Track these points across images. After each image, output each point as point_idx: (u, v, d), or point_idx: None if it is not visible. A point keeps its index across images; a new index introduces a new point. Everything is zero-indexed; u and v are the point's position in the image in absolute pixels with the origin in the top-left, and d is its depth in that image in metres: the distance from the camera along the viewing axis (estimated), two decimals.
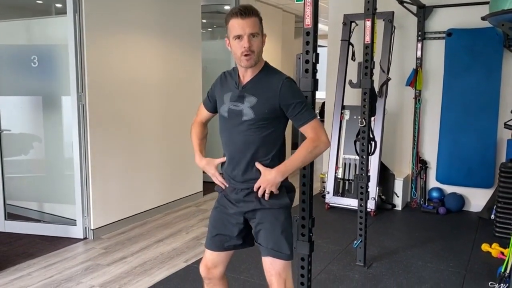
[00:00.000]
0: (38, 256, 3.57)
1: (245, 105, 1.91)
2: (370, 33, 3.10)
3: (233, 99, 1.95)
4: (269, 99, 1.90)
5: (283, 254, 1.97)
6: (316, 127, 1.91)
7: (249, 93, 1.92)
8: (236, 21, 1.84)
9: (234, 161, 1.99)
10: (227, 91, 1.99)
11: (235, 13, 1.84)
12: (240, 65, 1.92)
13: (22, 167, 4.41)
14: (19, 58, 4.05)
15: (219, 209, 2.10)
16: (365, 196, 3.38)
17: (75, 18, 3.69)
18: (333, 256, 3.61)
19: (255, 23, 1.86)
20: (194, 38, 5.06)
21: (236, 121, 1.94)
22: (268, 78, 1.93)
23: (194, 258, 3.56)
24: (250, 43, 1.85)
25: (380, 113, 4.66)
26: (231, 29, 1.87)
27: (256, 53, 1.88)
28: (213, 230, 2.10)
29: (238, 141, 1.96)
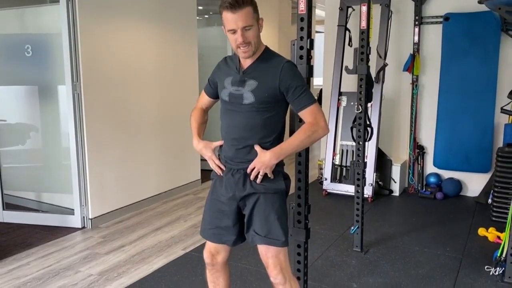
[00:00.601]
0: (36, 246, 3.58)
1: (246, 89, 1.91)
2: (366, 19, 3.07)
3: (234, 83, 1.94)
4: (269, 83, 1.89)
5: (278, 241, 1.96)
6: (316, 111, 1.89)
7: (249, 77, 1.91)
8: (228, 15, 1.80)
9: (234, 143, 1.97)
10: (227, 75, 1.98)
11: (226, 6, 1.79)
12: (238, 55, 1.92)
13: (19, 157, 4.41)
14: (12, 48, 4.02)
15: (214, 202, 2.08)
16: (361, 182, 3.39)
17: (68, 6, 3.65)
18: (330, 242, 3.63)
19: (247, 15, 1.80)
20: (190, 25, 5.02)
21: (237, 105, 1.94)
22: (269, 62, 1.92)
23: (192, 246, 3.58)
24: (244, 36, 1.82)
25: (377, 99, 4.64)
26: (224, 22, 1.84)
27: (253, 43, 1.86)
28: (210, 222, 2.08)
29: (239, 123, 1.95)
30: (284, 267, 1.98)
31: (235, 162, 1.98)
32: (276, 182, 1.98)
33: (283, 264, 1.98)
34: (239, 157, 1.97)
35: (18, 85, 4.21)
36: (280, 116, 1.98)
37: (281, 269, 1.97)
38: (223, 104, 2.02)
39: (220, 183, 2.05)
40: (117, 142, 4.17)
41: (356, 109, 3.31)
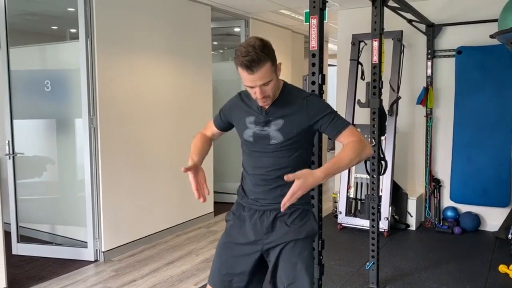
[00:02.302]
0: (49, 279, 3.57)
1: (272, 128, 1.84)
2: (378, 53, 3.10)
3: (258, 124, 1.87)
4: (296, 119, 1.83)
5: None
6: (355, 132, 1.81)
7: (274, 116, 1.84)
8: (245, 74, 1.72)
9: (265, 183, 1.87)
10: (248, 114, 1.90)
11: (243, 66, 1.70)
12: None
13: (35, 189, 4.46)
14: (33, 83, 4.14)
15: (228, 246, 1.94)
16: (376, 217, 3.33)
17: (87, 43, 3.77)
18: (345, 279, 3.54)
19: (265, 73, 1.72)
20: (205, 60, 5.13)
21: (263, 145, 1.86)
22: (291, 98, 1.86)
23: (204, 281, 3.53)
24: (263, 91, 1.76)
25: (391, 131, 4.63)
26: (241, 76, 1.76)
27: (272, 95, 1.80)
28: (220, 268, 1.93)
29: (267, 163, 1.86)
30: None
31: (266, 203, 1.87)
32: (307, 224, 1.87)
33: None
34: (271, 197, 1.86)
35: (36, 118, 4.31)
36: (308, 151, 1.94)
37: None
38: (247, 144, 1.93)
39: (240, 226, 1.92)
40: (131, 175, 4.21)
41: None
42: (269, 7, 5.40)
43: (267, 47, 1.73)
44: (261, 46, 1.71)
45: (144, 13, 4.30)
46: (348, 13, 5.40)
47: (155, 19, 4.43)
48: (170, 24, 4.61)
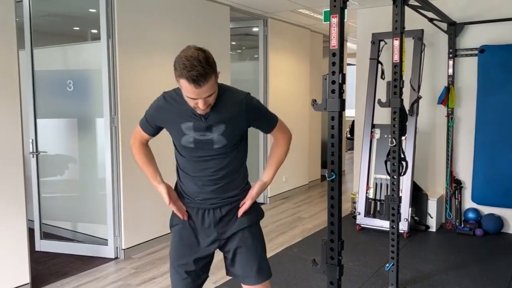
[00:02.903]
0: (71, 276, 3.64)
1: (214, 133, 1.87)
2: (399, 52, 3.07)
3: (199, 129, 1.87)
4: (237, 123, 1.90)
5: (268, 274, 2.04)
6: (283, 125, 2.08)
7: (215, 121, 1.86)
8: (190, 87, 1.70)
9: (211, 183, 1.93)
10: (184, 120, 1.87)
11: (190, 80, 1.68)
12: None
13: (58, 187, 4.55)
14: (55, 83, 4.22)
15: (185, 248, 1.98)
16: (396, 218, 3.30)
17: (108, 43, 3.83)
18: (364, 280, 3.52)
19: (211, 86, 1.74)
20: (223, 60, 5.15)
21: (206, 150, 1.90)
22: (228, 101, 1.88)
23: (223, 279, 3.55)
24: (206, 102, 1.77)
25: (412, 132, 4.57)
26: (183, 88, 1.75)
27: (212, 103, 1.81)
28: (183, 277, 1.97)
29: (212, 165, 1.92)
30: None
31: (218, 201, 1.95)
32: (255, 210, 2.03)
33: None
34: (221, 195, 1.95)
35: (59, 118, 4.40)
36: (246, 144, 2.04)
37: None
38: (186, 150, 1.92)
39: (191, 228, 1.98)
40: None
41: (390, 142, 3.26)
42: (288, 7, 5.39)
43: (210, 59, 1.73)
44: (206, 59, 1.71)
45: (164, 14, 4.34)
46: (368, 12, 5.35)
47: (174, 20, 4.47)
48: (190, 24, 4.64)
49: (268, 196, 6.15)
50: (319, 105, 2.12)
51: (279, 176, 6.34)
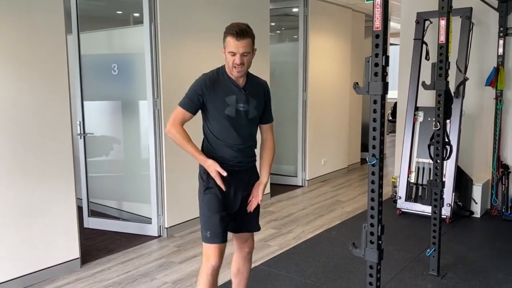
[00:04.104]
0: (117, 252, 3.81)
1: (251, 106, 2.30)
2: (445, 33, 2.95)
3: (240, 101, 2.28)
4: (261, 101, 2.36)
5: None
6: (272, 128, 2.46)
7: (251, 96, 2.30)
8: (232, 40, 2.17)
9: (241, 148, 2.31)
10: (228, 94, 2.26)
11: (232, 34, 2.16)
12: (231, 73, 2.26)
13: (104, 167, 4.74)
14: (101, 67, 4.35)
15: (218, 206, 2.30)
16: (439, 203, 3.23)
17: (151, 27, 3.90)
18: (404, 264, 3.48)
19: (248, 44, 2.19)
20: (263, 41, 5.13)
21: (242, 119, 2.29)
22: (256, 83, 2.36)
23: (262, 259, 3.61)
24: (242, 60, 2.19)
25: (457, 115, 4.42)
26: (227, 44, 2.20)
27: (246, 67, 2.23)
28: (220, 226, 2.29)
29: (244, 134, 2.31)
30: None
31: (244, 163, 2.36)
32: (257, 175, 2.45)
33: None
34: (247, 159, 2.37)
35: (104, 100, 4.55)
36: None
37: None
38: (226, 119, 2.26)
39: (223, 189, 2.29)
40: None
41: (434, 126, 3.17)
42: None
43: (252, 30, 2.23)
44: (248, 25, 2.22)
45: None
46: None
47: (215, 2, 4.48)
48: (229, 5, 4.64)
49: (306, 179, 6.15)
50: (361, 88, 2.09)
51: (317, 159, 6.34)
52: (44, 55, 3.16)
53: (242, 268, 2.56)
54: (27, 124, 3.10)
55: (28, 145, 3.12)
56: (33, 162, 3.15)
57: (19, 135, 3.06)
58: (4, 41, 2.94)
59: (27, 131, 3.10)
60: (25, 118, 3.09)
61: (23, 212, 3.12)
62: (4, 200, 3.02)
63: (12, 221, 3.07)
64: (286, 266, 3.47)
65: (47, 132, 3.22)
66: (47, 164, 3.23)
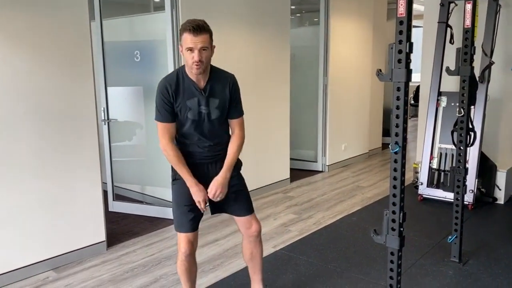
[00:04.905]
0: (141, 235, 3.92)
1: (212, 106, 2.29)
2: (471, 17, 2.89)
3: (201, 103, 2.28)
4: (225, 98, 2.32)
5: (252, 209, 2.57)
6: (243, 123, 2.42)
7: (212, 96, 2.29)
8: (189, 36, 2.13)
9: (209, 146, 2.37)
10: (189, 97, 2.26)
11: (189, 29, 2.12)
12: (191, 72, 2.22)
13: (127, 152, 4.83)
14: (124, 53, 4.40)
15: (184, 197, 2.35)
16: (461, 190, 3.20)
17: (172, 14, 3.92)
18: (425, 250, 3.49)
19: (205, 39, 2.16)
20: (283, 25, 5.09)
21: (205, 120, 2.31)
22: (219, 79, 2.32)
23: (282, 244, 3.66)
24: (201, 56, 2.15)
25: (481, 100, 4.33)
26: (184, 41, 2.16)
27: (205, 63, 2.20)
28: (187, 215, 2.37)
29: (208, 134, 2.34)
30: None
31: (211, 157, 2.39)
32: (237, 162, 2.45)
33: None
34: (214, 154, 2.40)
35: (126, 86, 4.61)
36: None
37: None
38: (189, 122, 2.30)
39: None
40: None
41: (458, 112, 3.13)
42: None
43: (208, 26, 2.21)
44: (204, 21, 2.19)
45: None
46: None
47: None
48: None
49: (326, 164, 6.15)
50: (384, 75, 2.07)
51: (338, 144, 6.32)
52: (69, 43, 3.22)
53: (254, 251, 2.62)
54: (54, 112, 3.18)
55: (55, 132, 3.20)
56: (60, 148, 3.24)
57: (47, 122, 3.15)
58: (30, 30, 3.00)
59: (54, 118, 3.19)
60: (51, 106, 3.17)
61: (52, 198, 3.23)
62: (34, 186, 3.12)
63: (42, 206, 3.18)
64: (306, 251, 3.51)
65: (73, 118, 3.30)
66: (73, 150, 3.32)
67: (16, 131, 2.99)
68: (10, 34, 2.90)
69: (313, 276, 3.11)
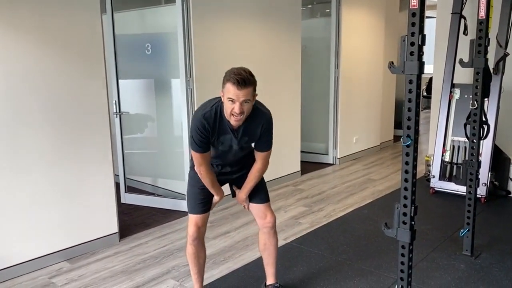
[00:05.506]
0: (153, 227, 3.96)
1: (242, 142, 2.38)
2: (485, 7, 2.84)
3: (234, 141, 2.36)
4: (255, 135, 2.38)
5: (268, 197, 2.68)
6: (268, 156, 2.48)
7: (244, 135, 2.35)
8: (232, 88, 2.12)
9: (229, 163, 2.53)
10: (223, 133, 2.32)
11: (233, 82, 2.11)
12: (228, 120, 2.25)
13: (138, 145, 4.86)
14: (136, 46, 4.42)
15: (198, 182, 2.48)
16: (474, 183, 3.17)
17: (183, 6, 3.91)
18: (436, 244, 3.47)
19: (249, 92, 2.15)
20: (294, 16, 5.06)
21: (233, 151, 2.43)
22: (253, 119, 2.31)
23: (293, 236, 3.67)
24: (242, 108, 2.16)
25: (496, 92, 4.27)
26: (226, 91, 2.16)
27: (245, 114, 2.21)
28: (197, 198, 2.50)
29: (233, 159, 2.50)
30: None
31: (233, 174, 2.58)
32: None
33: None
34: (235, 171, 2.57)
35: (137, 78, 4.63)
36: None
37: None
38: (220, 151, 2.43)
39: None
40: None
41: (471, 105, 3.09)
42: None
43: (253, 75, 2.19)
44: (250, 72, 2.18)
45: None
46: None
47: None
48: None
49: (337, 157, 6.14)
50: (396, 68, 2.06)
51: (349, 137, 6.29)
52: (81, 36, 3.24)
53: (268, 242, 2.65)
54: (66, 105, 3.21)
55: (68, 125, 3.24)
56: (73, 141, 3.28)
57: (59, 116, 3.18)
58: (42, 25, 3.02)
59: (67, 111, 3.22)
60: (64, 99, 3.20)
61: (65, 190, 3.27)
62: (48, 179, 3.17)
63: (56, 198, 3.23)
64: (317, 244, 3.51)
65: (86, 112, 3.33)
66: (86, 143, 3.36)
67: (30, 125, 3.03)
68: (22, 30, 2.93)
69: (323, 268, 3.11)
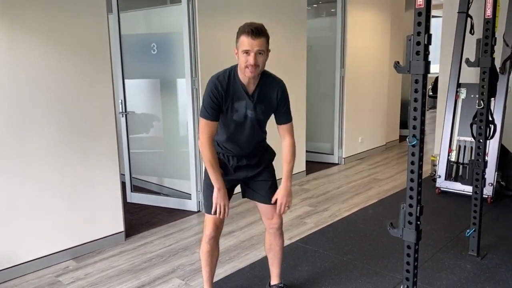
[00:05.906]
0: (159, 226, 3.97)
1: (258, 111, 2.31)
2: (492, 7, 2.83)
3: (249, 107, 2.29)
4: (272, 105, 2.34)
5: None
6: (292, 129, 2.44)
7: (259, 102, 2.30)
8: (246, 39, 2.13)
9: (251, 147, 2.43)
10: (238, 99, 2.27)
11: (247, 32, 2.13)
12: (243, 74, 2.22)
13: (144, 144, 4.88)
14: (141, 46, 4.43)
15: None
16: (480, 183, 3.16)
17: (188, 6, 3.92)
18: (442, 244, 3.46)
19: (262, 42, 2.16)
20: (300, 16, 5.06)
21: (250, 123, 2.33)
22: (268, 85, 2.31)
23: (298, 236, 3.67)
24: (256, 60, 2.15)
25: (502, 92, 4.25)
26: (240, 44, 2.16)
27: (260, 67, 2.19)
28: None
29: (252, 135, 2.38)
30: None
31: (252, 154, 2.46)
32: (270, 154, 2.57)
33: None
34: (254, 154, 2.46)
35: (143, 78, 4.65)
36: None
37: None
38: (234, 123, 2.32)
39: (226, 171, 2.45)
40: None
41: (478, 104, 3.08)
42: None
43: (266, 30, 2.21)
44: (262, 25, 2.19)
45: None
46: None
47: None
48: None
49: (342, 156, 6.13)
50: (402, 68, 2.05)
51: (354, 136, 6.28)
52: (87, 36, 3.26)
53: (274, 243, 2.63)
54: (73, 104, 3.23)
55: (75, 124, 3.26)
56: (79, 140, 3.30)
57: (66, 115, 3.20)
58: (49, 25, 3.04)
59: (73, 111, 3.24)
60: (71, 99, 3.22)
61: (72, 189, 3.30)
62: (54, 178, 3.19)
63: (62, 197, 3.25)
64: (322, 244, 3.51)
65: (92, 111, 3.35)
66: (92, 142, 3.38)
67: (37, 124, 3.05)
68: (29, 30, 2.95)
69: (328, 268, 3.11)
